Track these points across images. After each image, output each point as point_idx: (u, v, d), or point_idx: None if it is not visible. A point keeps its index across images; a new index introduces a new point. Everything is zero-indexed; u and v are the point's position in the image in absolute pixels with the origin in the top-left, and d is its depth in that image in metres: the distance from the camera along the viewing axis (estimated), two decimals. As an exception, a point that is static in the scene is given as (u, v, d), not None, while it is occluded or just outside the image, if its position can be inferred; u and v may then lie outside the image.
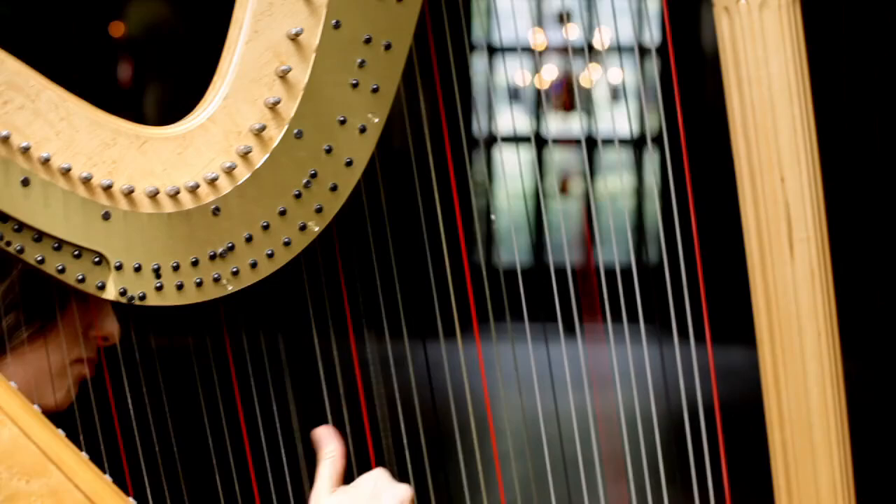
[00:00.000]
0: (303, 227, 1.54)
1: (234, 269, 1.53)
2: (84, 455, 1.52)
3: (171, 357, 1.74)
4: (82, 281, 1.50)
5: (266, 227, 1.53)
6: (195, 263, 1.52)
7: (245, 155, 1.51)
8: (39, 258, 1.48)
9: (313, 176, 1.54)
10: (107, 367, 1.60)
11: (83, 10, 10.73)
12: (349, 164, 1.55)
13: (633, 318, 1.70)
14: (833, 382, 1.65)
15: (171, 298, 1.52)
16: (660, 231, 1.73)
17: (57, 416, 1.56)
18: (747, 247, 1.67)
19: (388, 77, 1.54)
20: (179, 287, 1.52)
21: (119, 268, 1.50)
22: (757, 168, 1.65)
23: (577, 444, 1.73)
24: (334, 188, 1.55)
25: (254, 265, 1.54)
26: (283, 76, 1.51)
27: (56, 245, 1.48)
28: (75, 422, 1.57)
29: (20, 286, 1.53)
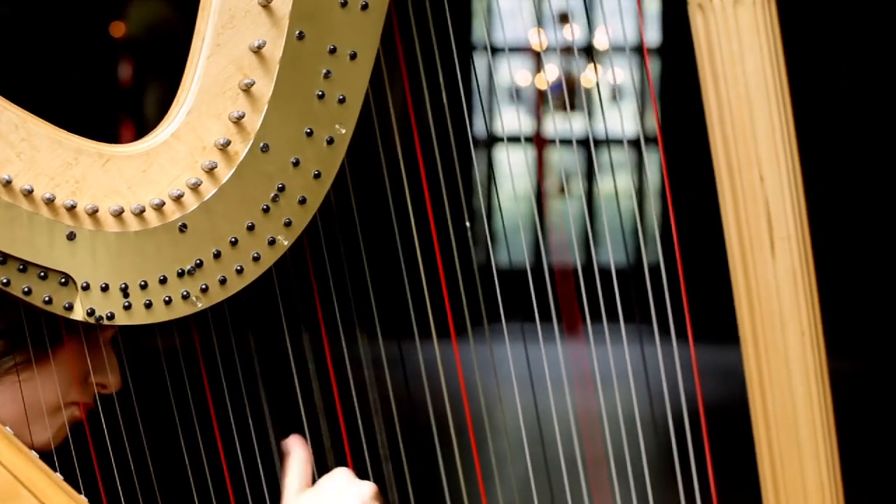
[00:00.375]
0: (272, 242, 1.52)
1: (204, 286, 1.51)
2: (58, 476, 1.50)
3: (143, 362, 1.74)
4: (49, 302, 1.48)
5: (234, 243, 1.51)
6: (163, 281, 1.50)
7: (210, 171, 1.49)
8: (5, 280, 1.46)
9: (281, 189, 1.52)
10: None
11: (83, 10, 10.71)
12: (317, 176, 1.53)
13: (629, 319, 1.69)
14: (818, 380, 1.64)
15: (139, 317, 1.50)
16: (656, 231, 1.71)
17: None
18: (728, 246, 1.66)
19: (354, 87, 1.52)
20: (148, 305, 1.50)
21: (86, 288, 1.48)
22: (735, 167, 1.63)
23: (576, 444, 1.71)
24: (303, 201, 1.53)
25: (223, 281, 1.52)
26: (247, 89, 1.49)
27: (21, 267, 1.47)
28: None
29: (4, 312, 1.51)
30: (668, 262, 1.72)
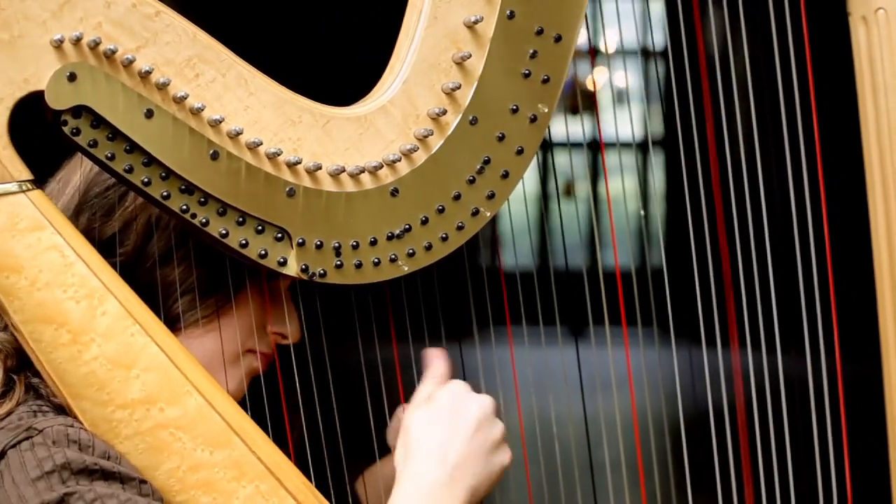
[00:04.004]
0: (475, 213, 1.56)
1: (410, 251, 1.54)
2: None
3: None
4: (264, 256, 1.49)
5: (441, 211, 1.55)
6: (373, 243, 1.53)
7: (424, 138, 1.53)
8: (223, 231, 1.48)
9: (486, 162, 1.56)
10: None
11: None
12: (520, 152, 1.57)
13: (643, 321, 1.72)
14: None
15: (350, 277, 1.52)
16: (654, 233, 1.75)
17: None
18: (876, 259, 1.70)
19: (557, 68, 1.58)
20: (358, 266, 1.52)
21: (301, 244, 1.50)
22: (890, 176, 1.69)
23: (588, 448, 1.73)
24: (505, 175, 1.57)
25: (428, 247, 1.55)
26: (461, 63, 1.54)
27: (240, 219, 1.48)
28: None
29: (196, 268, 1.52)
30: (671, 265, 1.77)
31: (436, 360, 1.57)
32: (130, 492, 1.38)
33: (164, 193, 1.46)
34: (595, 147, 2.12)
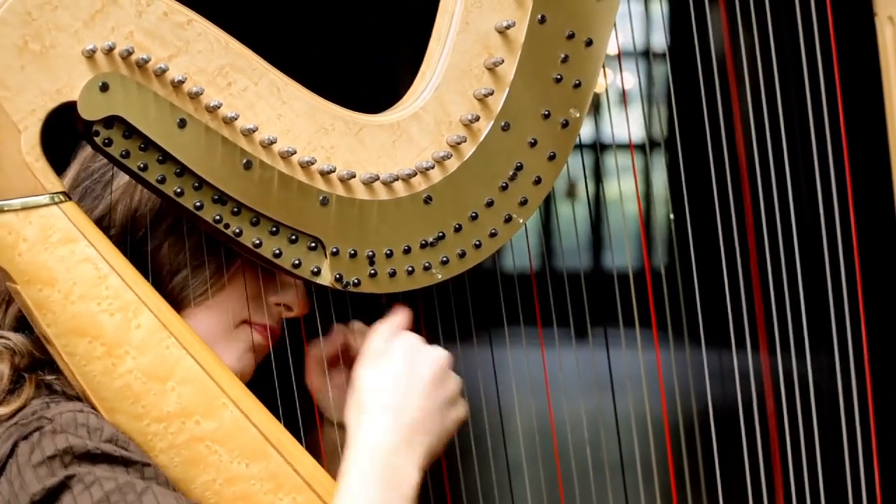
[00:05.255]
0: (508, 219, 1.55)
1: (444, 259, 1.53)
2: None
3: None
4: (298, 266, 1.48)
5: (474, 218, 1.54)
6: (407, 251, 1.51)
7: (456, 145, 1.52)
8: (257, 241, 1.46)
9: (518, 168, 1.55)
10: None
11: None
12: (552, 157, 1.56)
13: (642, 323, 1.72)
14: None
15: (384, 286, 1.51)
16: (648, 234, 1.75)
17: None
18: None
19: (589, 72, 1.57)
20: (392, 274, 1.51)
21: (335, 253, 1.49)
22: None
23: (588, 450, 1.73)
24: (538, 181, 1.56)
25: (462, 255, 1.54)
26: (493, 68, 1.53)
27: (273, 229, 1.47)
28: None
29: (187, 241, 1.51)
30: (674, 267, 1.76)
31: (398, 311, 1.53)
32: (134, 475, 1.37)
33: (197, 204, 1.44)
34: (605, 148, 2.11)
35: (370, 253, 1.50)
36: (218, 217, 1.45)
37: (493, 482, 1.75)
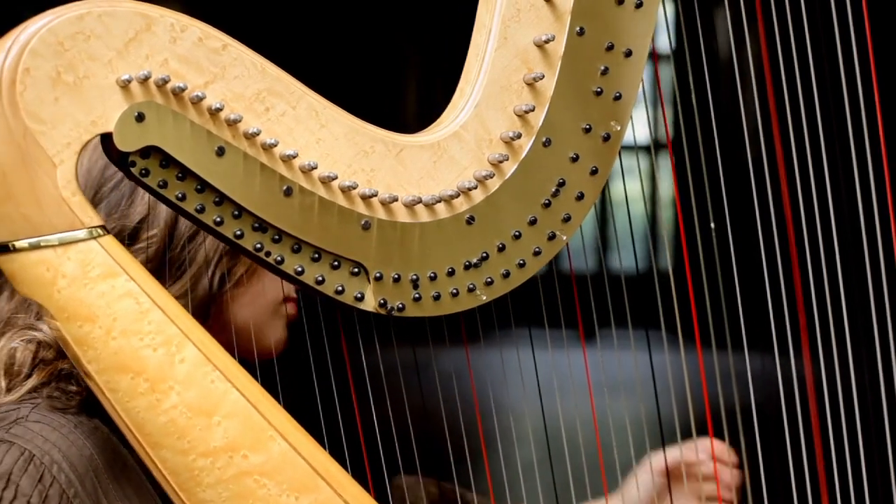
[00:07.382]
0: (551, 237, 1.52)
1: (488, 280, 1.50)
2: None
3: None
4: (341, 292, 1.45)
5: (517, 237, 1.51)
6: (451, 273, 1.49)
7: (498, 164, 1.49)
8: (299, 269, 1.43)
9: (561, 184, 1.52)
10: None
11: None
12: (594, 172, 1.53)
13: (651, 324, 1.70)
14: None
15: (428, 309, 1.48)
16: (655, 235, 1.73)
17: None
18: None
19: (629, 84, 1.53)
20: (436, 297, 1.48)
21: (379, 278, 1.46)
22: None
23: (599, 451, 1.72)
24: (580, 197, 1.53)
25: (506, 275, 1.51)
26: (532, 84, 1.50)
27: (315, 255, 1.44)
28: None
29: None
30: (679, 268, 1.75)
31: None
32: None
33: (238, 232, 1.41)
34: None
35: (414, 276, 1.47)
36: (259, 245, 1.42)
37: (504, 484, 1.73)
